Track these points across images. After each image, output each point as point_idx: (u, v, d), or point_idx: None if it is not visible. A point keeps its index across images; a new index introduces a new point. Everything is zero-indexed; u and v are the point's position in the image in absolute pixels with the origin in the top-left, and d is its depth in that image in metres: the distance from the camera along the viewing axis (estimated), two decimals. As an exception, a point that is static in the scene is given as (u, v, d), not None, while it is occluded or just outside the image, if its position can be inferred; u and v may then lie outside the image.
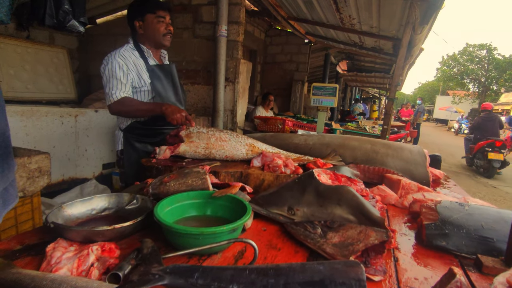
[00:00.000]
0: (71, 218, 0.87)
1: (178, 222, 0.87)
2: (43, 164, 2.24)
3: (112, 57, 1.57)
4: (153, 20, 1.63)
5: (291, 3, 4.04)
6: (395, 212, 1.17)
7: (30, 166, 2.16)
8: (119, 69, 1.56)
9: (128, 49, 1.63)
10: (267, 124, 3.73)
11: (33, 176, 2.19)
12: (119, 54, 1.58)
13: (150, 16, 1.62)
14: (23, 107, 2.78)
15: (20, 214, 2.23)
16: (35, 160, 2.17)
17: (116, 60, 1.56)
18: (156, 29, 1.64)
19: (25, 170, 2.11)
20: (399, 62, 2.41)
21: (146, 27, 1.64)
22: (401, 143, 1.67)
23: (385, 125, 2.64)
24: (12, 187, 1.44)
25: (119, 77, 1.57)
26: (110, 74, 1.57)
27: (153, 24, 1.63)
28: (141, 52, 1.66)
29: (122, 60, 1.57)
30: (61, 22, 1.36)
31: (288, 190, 1.03)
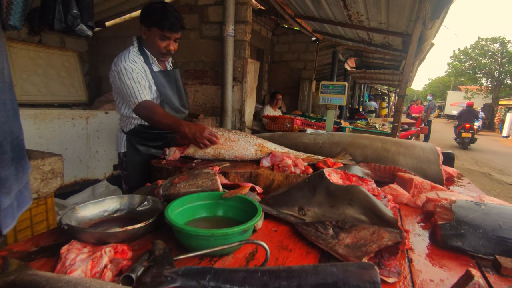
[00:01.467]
0: (84, 220, 0.88)
1: (189, 223, 0.88)
2: (56, 166, 2.28)
3: (123, 62, 1.54)
4: (157, 35, 1.57)
5: (298, 1, 4.01)
6: (407, 211, 1.15)
7: (44, 168, 2.20)
8: (135, 73, 1.55)
9: (134, 54, 1.60)
10: (275, 123, 3.71)
11: (46, 177, 2.24)
12: (129, 59, 1.56)
13: (156, 30, 1.56)
14: (36, 110, 2.84)
15: (34, 215, 2.28)
16: (48, 162, 2.22)
17: (129, 66, 1.54)
18: (156, 44, 1.60)
19: (39, 172, 2.16)
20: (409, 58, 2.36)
21: (149, 36, 1.60)
22: (413, 141, 1.64)
23: (395, 122, 2.60)
24: (26, 190, 1.47)
25: (137, 80, 1.55)
26: (128, 79, 1.53)
27: (155, 38, 1.58)
28: (145, 57, 1.64)
29: (133, 64, 1.55)
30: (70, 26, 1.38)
31: (298, 190, 1.03)
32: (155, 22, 1.55)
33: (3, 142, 1.28)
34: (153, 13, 1.55)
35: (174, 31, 1.57)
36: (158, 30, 1.55)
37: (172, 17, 1.54)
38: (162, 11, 1.54)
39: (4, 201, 1.30)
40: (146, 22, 1.58)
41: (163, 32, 1.55)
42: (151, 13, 1.56)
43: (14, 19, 1.22)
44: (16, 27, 1.24)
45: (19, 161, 1.38)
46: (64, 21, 1.34)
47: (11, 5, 1.20)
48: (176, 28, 1.57)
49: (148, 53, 1.64)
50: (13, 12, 1.21)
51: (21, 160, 1.39)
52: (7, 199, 1.31)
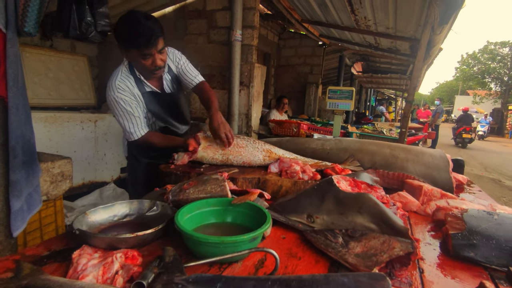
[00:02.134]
0: (95, 225, 0.89)
1: (198, 229, 0.88)
2: (65, 168, 2.31)
3: (113, 92, 1.45)
4: (137, 56, 1.39)
5: (305, 6, 4.03)
6: (417, 219, 1.13)
7: (54, 171, 2.23)
8: (127, 105, 1.47)
9: (124, 77, 1.49)
10: (282, 128, 3.72)
11: (56, 180, 2.27)
12: (117, 88, 1.45)
13: (134, 51, 1.38)
14: (46, 114, 2.89)
15: (44, 217, 2.31)
16: (58, 164, 2.25)
17: (118, 97, 1.45)
18: (141, 65, 1.43)
19: (49, 175, 2.19)
20: (418, 63, 2.34)
21: (131, 58, 1.44)
22: (422, 147, 1.63)
23: (403, 128, 2.58)
24: (36, 193, 1.50)
25: (130, 111, 1.48)
26: (121, 112, 1.48)
27: (137, 58, 1.40)
28: (135, 78, 1.51)
29: (122, 94, 1.46)
30: (84, 34, 1.41)
31: (307, 197, 1.02)
32: (127, 43, 1.37)
33: (15, 146, 1.30)
34: (122, 33, 1.36)
35: (152, 46, 1.36)
36: (135, 51, 1.37)
37: (143, 31, 1.32)
38: (130, 28, 1.34)
39: (15, 204, 1.33)
40: (120, 45, 1.41)
41: (141, 51, 1.36)
42: (121, 33, 1.37)
43: (29, 26, 1.25)
44: (31, 34, 1.27)
45: (30, 164, 1.40)
46: (79, 28, 1.36)
47: (27, 13, 1.23)
48: (153, 41, 1.35)
49: (138, 74, 1.51)
50: (28, 19, 1.24)
51: (32, 164, 1.41)
52: (17, 202, 1.33)
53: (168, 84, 1.64)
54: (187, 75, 1.69)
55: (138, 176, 1.73)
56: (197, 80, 1.72)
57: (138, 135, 1.53)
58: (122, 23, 1.36)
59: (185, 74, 1.68)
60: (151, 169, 1.59)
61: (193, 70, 1.73)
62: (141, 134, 1.54)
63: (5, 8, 1.21)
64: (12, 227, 1.34)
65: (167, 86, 1.64)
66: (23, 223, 1.38)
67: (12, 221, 1.33)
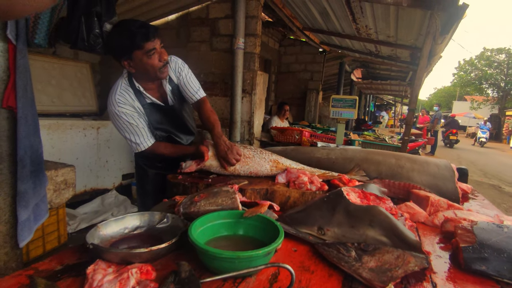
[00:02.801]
0: (106, 238, 0.89)
1: (210, 242, 0.88)
2: (68, 176, 2.31)
3: (114, 107, 1.44)
4: (143, 57, 1.36)
5: (306, 15, 4.07)
6: (425, 231, 1.14)
7: (57, 179, 2.23)
8: (129, 117, 1.45)
9: (123, 90, 1.46)
10: (284, 135, 3.73)
11: (59, 188, 2.26)
12: (117, 104, 1.43)
13: (138, 53, 1.35)
14: (49, 121, 2.90)
15: (46, 225, 2.30)
16: (61, 173, 2.24)
17: (119, 111, 1.44)
18: (149, 65, 1.39)
19: (52, 183, 2.18)
20: (420, 72, 2.37)
21: (137, 65, 1.40)
22: (427, 157, 1.64)
23: (405, 136, 2.59)
24: (43, 203, 1.50)
25: (134, 123, 1.46)
26: (124, 125, 1.46)
27: (143, 60, 1.37)
28: (135, 90, 1.48)
29: (123, 107, 1.44)
30: (92, 46, 1.42)
31: (316, 209, 1.03)
32: (130, 46, 1.34)
33: (23, 156, 1.31)
34: (120, 39, 1.35)
35: (153, 37, 1.35)
36: (139, 51, 1.35)
37: (139, 28, 1.32)
38: (126, 30, 1.33)
39: (22, 215, 1.33)
40: (123, 54, 1.38)
41: (145, 48, 1.34)
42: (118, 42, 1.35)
43: (40, 38, 1.26)
44: (40, 45, 1.29)
45: (38, 174, 1.40)
46: (87, 40, 1.38)
47: (37, 25, 1.25)
48: (152, 33, 1.35)
49: (138, 85, 1.48)
50: (39, 32, 1.26)
51: (39, 174, 1.42)
52: (25, 212, 1.33)
53: (169, 94, 1.59)
54: (188, 89, 1.61)
55: (146, 187, 1.72)
56: (198, 95, 1.65)
57: (146, 146, 1.53)
58: (114, 34, 1.37)
59: (186, 87, 1.61)
60: (159, 179, 1.59)
61: (195, 83, 1.65)
62: (148, 144, 1.53)
63: (16, 20, 1.22)
64: (19, 237, 1.33)
65: (170, 97, 1.59)
66: (30, 234, 1.38)
67: (19, 232, 1.32)
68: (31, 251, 2.17)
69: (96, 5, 1.28)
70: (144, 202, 1.74)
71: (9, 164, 1.31)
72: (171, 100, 1.60)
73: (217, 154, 1.42)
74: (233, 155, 1.38)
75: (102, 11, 1.30)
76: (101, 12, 1.29)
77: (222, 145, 1.41)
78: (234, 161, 1.38)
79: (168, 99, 1.59)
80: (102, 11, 1.30)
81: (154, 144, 1.54)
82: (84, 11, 1.27)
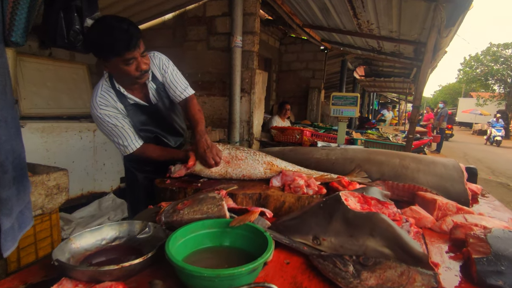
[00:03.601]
0: (80, 251, 0.81)
1: (193, 255, 0.80)
2: (61, 181, 2.24)
3: (96, 110, 1.37)
4: (120, 63, 1.27)
5: (306, 11, 3.98)
6: (432, 237, 1.04)
7: (49, 184, 2.16)
8: (113, 119, 1.39)
9: (104, 92, 1.39)
10: (284, 135, 3.64)
11: (51, 193, 2.20)
12: (99, 106, 1.37)
13: (115, 60, 1.26)
14: (44, 124, 2.84)
15: (39, 231, 2.24)
16: (53, 177, 2.17)
17: (102, 114, 1.37)
18: (125, 73, 1.30)
19: (44, 188, 2.11)
20: (424, 68, 2.26)
21: (114, 68, 1.32)
22: (433, 157, 1.54)
23: (410, 134, 2.49)
24: (28, 210, 1.42)
25: (119, 125, 1.40)
26: (109, 128, 1.40)
27: (119, 66, 1.28)
28: (116, 91, 1.40)
29: (106, 110, 1.37)
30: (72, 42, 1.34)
31: (312, 216, 0.94)
32: (106, 52, 1.25)
33: (4, 162, 1.23)
34: (98, 42, 1.25)
35: (135, 48, 1.24)
36: (117, 59, 1.25)
37: (120, 35, 1.20)
38: (106, 35, 1.22)
39: (5, 223, 1.25)
40: (100, 56, 1.29)
41: (124, 57, 1.24)
42: (96, 43, 1.26)
43: (17, 35, 1.19)
44: (18, 43, 1.21)
45: (21, 180, 1.33)
46: (67, 37, 1.30)
47: (14, 21, 1.17)
48: (134, 43, 1.23)
49: (118, 86, 1.40)
50: (16, 28, 1.18)
51: (23, 179, 1.34)
52: (8, 220, 1.26)
53: (153, 93, 1.49)
54: (175, 88, 1.52)
55: (136, 192, 1.64)
56: (187, 93, 1.55)
57: (134, 148, 1.45)
58: (95, 32, 1.25)
59: (173, 86, 1.52)
60: (148, 184, 1.51)
61: (182, 82, 1.55)
62: (136, 146, 1.45)
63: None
64: (3, 247, 1.26)
65: (152, 95, 1.49)
66: (14, 243, 1.30)
67: (2, 241, 1.25)
68: (22, 258, 2.10)
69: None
70: (135, 208, 1.66)
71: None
72: (155, 99, 1.50)
73: (197, 153, 1.34)
74: (211, 155, 1.30)
75: (82, 5, 1.22)
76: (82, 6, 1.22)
77: (202, 143, 1.34)
78: (211, 161, 1.29)
79: (152, 97, 1.49)
80: (82, 5, 1.22)
81: (142, 146, 1.47)
82: (63, 5, 1.19)
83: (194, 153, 1.33)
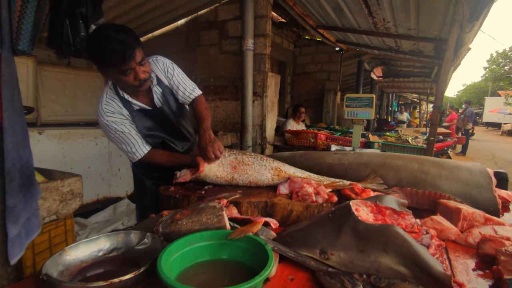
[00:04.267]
0: (75, 262, 0.78)
1: (190, 269, 0.75)
2: (75, 186, 2.27)
3: (102, 117, 1.36)
4: (117, 74, 1.25)
5: (319, 11, 3.89)
6: (457, 252, 0.94)
7: (63, 189, 2.19)
8: (119, 126, 1.37)
9: (109, 99, 1.38)
10: (298, 138, 3.55)
11: (65, 199, 2.23)
12: (105, 114, 1.36)
13: (111, 70, 1.25)
14: (60, 131, 2.91)
15: (54, 236, 2.27)
16: (67, 183, 2.21)
17: (108, 121, 1.36)
18: (123, 82, 1.29)
19: (58, 193, 2.14)
20: (445, 65, 2.12)
21: (113, 78, 1.32)
22: (457, 161, 1.42)
23: (431, 136, 2.34)
24: (35, 217, 1.43)
25: (126, 131, 1.39)
26: (116, 135, 1.39)
27: (118, 77, 1.27)
28: (121, 97, 1.39)
29: (111, 116, 1.36)
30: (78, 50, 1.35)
31: (320, 227, 0.87)
32: (102, 63, 1.23)
33: (11, 169, 1.24)
34: (93, 53, 1.23)
35: (130, 60, 1.21)
36: (113, 70, 1.24)
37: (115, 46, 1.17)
38: (100, 47, 1.19)
39: (11, 230, 1.26)
40: (97, 66, 1.28)
41: (120, 69, 1.22)
42: (92, 54, 1.25)
43: (24, 43, 1.20)
44: (25, 52, 1.22)
45: (28, 187, 1.34)
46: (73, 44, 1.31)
47: (21, 30, 1.19)
48: (129, 55, 1.20)
49: (122, 92, 1.38)
50: (22, 37, 1.19)
51: (30, 187, 1.35)
52: (15, 228, 1.26)
53: (158, 97, 1.47)
54: (184, 89, 1.51)
55: (144, 199, 1.62)
56: (195, 93, 1.55)
57: (141, 154, 1.43)
58: (91, 42, 1.23)
59: (182, 87, 1.50)
60: (155, 190, 1.48)
61: (189, 84, 1.54)
62: (143, 152, 1.44)
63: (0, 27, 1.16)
64: (10, 254, 1.26)
65: (158, 100, 1.47)
66: (21, 250, 1.31)
67: (9, 249, 1.26)
68: (38, 263, 2.13)
69: (80, 6, 1.21)
70: (143, 215, 1.64)
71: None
72: (160, 103, 1.48)
73: (199, 147, 1.33)
74: (212, 149, 1.27)
75: (88, 12, 1.23)
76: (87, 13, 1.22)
77: (205, 138, 1.33)
78: (211, 154, 1.26)
79: (158, 102, 1.47)
80: (88, 12, 1.23)
81: (150, 151, 1.45)
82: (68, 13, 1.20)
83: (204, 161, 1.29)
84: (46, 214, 2.04)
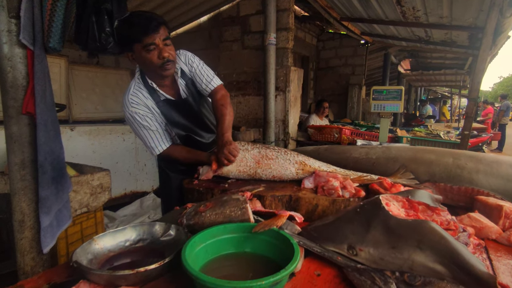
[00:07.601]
0: (103, 252, 0.80)
1: (214, 262, 0.74)
2: (104, 180, 2.36)
3: (127, 108, 1.39)
4: (142, 51, 1.28)
5: (343, 3, 3.77)
6: (499, 252, 0.87)
7: (93, 183, 2.29)
8: (143, 119, 1.40)
9: (136, 90, 1.41)
10: (321, 134, 3.48)
11: (95, 192, 2.32)
12: (130, 104, 1.38)
13: (137, 46, 1.28)
14: (90, 127, 3.04)
15: (85, 228, 2.38)
16: (97, 177, 2.30)
17: (133, 112, 1.38)
18: (147, 61, 1.31)
19: (89, 187, 2.24)
20: (483, 54, 1.97)
21: (138, 58, 1.34)
22: (496, 155, 1.32)
23: (466, 130, 2.19)
24: (66, 209, 1.49)
25: (147, 126, 1.41)
26: (138, 127, 1.42)
27: (142, 54, 1.29)
28: (148, 87, 1.42)
29: (136, 108, 1.38)
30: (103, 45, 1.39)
31: (347, 222, 0.83)
32: (130, 38, 1.28)
33: (43, 163, 1.30)
34: (122, 31, 1.32)
35: (154, 32, 1.25)
36: (138, 44, 1.27)
37: (140, 20, 1.26)
38: (128, 22, 1.29)
39: (44, 220, 1.32)
40: (124, 46, 1.33)
41: (143, 42, 1.26)
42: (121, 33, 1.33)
43: (54, 41, 1.24)
44: (56, 49, 1.27)
45: (60, 180, 1.40)
46: (98, 40, 1.34)
47: (51, 28, 1.23)
48: (153, 26, 1.25)
49: (150, 82, 1.41)
50: (53, 35, 1.24)
51: (62, 179, 1.41)
52: (47, 218, 1.33)
53: (183, 89, 1.49)
54: (202, 79, 1.51)
55: (169, 192, 1.65)
56: (214, 83, 1.52)
57: (160, 149, 1.46)
58: (120, 23, 1.32)
59: (200, 77, 1.50)
60: (180, 183, 1.50)
61: (208, 72, 1.53)
62: (162, 148, 1.46)
63: (32, 26, 1.21)
64: (42, 243, 1.33)
65: (183, 91, 1.49)
66: (53, 239, 1.37)
67: (42, 238, 1.32)
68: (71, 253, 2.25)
69: (106, 2, 1.24)
70: (168, 207, 1.66)
71: (31, 170, 1.32)
72: (185, 94, 1.50)
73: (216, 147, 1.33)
74: (223, 155, 1.24)
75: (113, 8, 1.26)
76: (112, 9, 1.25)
77: (223, 140, 1.32)
78: (224, 161, 1.25)
79: (183, 93, 1.49)
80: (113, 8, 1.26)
81: (169, 148, 1.48)
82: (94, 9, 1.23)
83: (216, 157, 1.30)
84: (78, 207, 2.13)
